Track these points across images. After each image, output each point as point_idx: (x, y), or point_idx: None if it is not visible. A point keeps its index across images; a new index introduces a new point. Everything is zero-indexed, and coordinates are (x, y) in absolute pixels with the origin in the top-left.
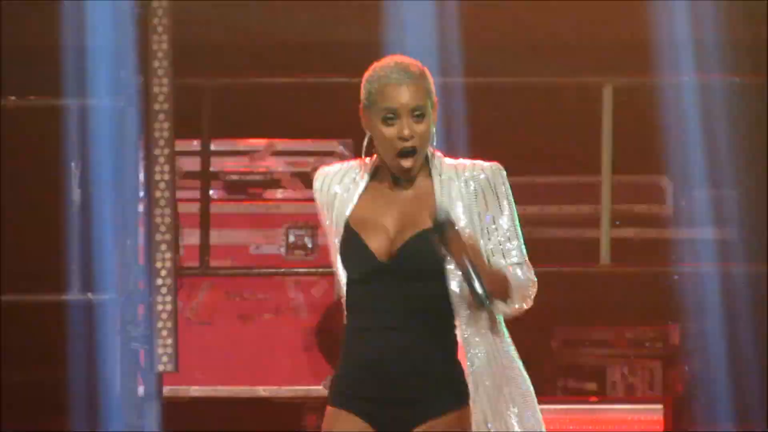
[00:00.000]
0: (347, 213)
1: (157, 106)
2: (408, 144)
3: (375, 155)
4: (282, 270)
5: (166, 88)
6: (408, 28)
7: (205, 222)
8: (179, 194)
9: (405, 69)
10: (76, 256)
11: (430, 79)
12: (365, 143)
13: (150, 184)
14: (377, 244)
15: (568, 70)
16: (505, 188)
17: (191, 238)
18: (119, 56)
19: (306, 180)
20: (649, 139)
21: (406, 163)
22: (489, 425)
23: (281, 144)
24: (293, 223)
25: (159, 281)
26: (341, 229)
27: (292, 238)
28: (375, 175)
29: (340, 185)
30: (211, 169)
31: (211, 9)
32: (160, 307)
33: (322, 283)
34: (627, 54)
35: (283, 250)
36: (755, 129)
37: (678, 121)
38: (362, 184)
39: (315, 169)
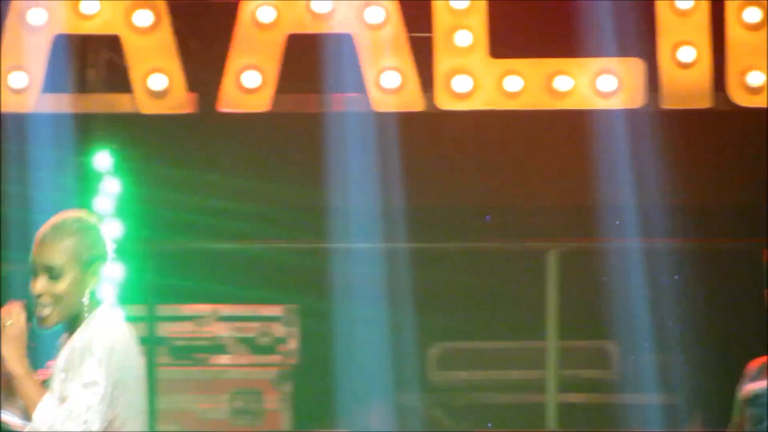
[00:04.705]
0: None
1: None
2: (40, 300)
3: None
4: None
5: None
6: (352, 193)
7: (151, 387)
8: None
9: (54, 225)
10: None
11: (88, 240)
12: None
13: None
14: None
15: (513, 233)
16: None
17: None
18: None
19: (252, 345)
20: (595, 303)
21: (39, 319)
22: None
23: (226, 309)
24: (240, 389)
25: None
26: None
27: (238, 404)
28: None
29: None
30: (157, 334)
31: (155, 174)
32: None
33: None
34: (571, 218)
35: (228, 415)
36: (700, 293)
37: (624, 286)
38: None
39: (263, 334)
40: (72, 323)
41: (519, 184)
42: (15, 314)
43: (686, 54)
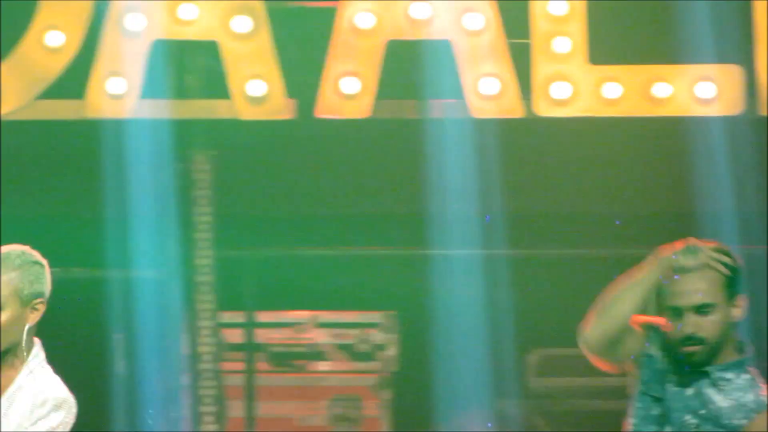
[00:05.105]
0: None
1: (199, 278)
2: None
3: None
4: None
5: (208, 259)
6: (450, 199)
7: (250, 394)
8: (223, 366)
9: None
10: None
11: (30, 276)
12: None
13: (194, 356)
14: None
15: (615, 240)
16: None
17: (236, 409)
18: (161, 227)
19: (351, 352)
20: None
21: None
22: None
23: (325, 316)
24: (338, 395)
25: None
26: None
27: (337, 410)
28: None
29: None
30: (256, 340)
31: (253, 180)
32: None
33: None
34: (672, 224)
35: (327, 422)
36: None
37: None
38: None
39: (362, 341)
40: (4, 356)
41: (615, 190)
42: None
43: None
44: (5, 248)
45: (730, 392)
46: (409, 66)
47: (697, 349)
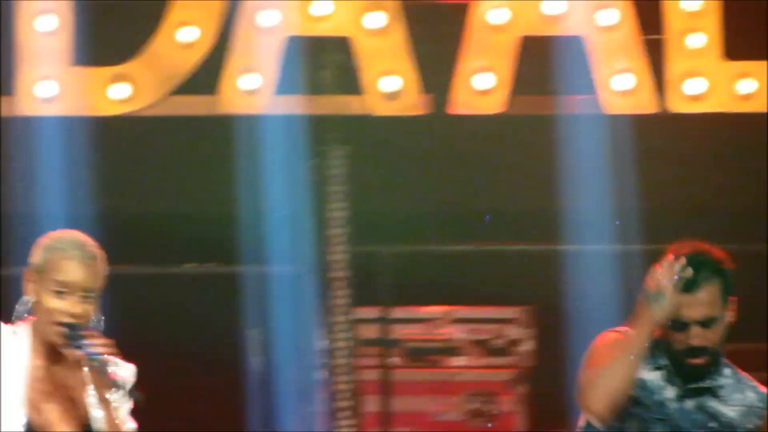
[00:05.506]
0: (15, 391)
1: (334, 273)
2: (76, 322)
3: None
4: None
5: (343, 255)
6: (585, 194)
7: (385, 389)
8: (358, 362)
9: (87, 246)
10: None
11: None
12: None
13: (329, 351)
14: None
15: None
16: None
17: (371, 405)
18: (296, 223)
19: (486, 347)
20: None
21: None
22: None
23: (460, 311)
24: (474, 391)
25: None
26: (5, 408)
27: (472, 406)
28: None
29: None
30: (391, 336)
31: (387, 176)
32: None
33: None
34: None
35: (462, 417)
36: None
37: None
38: (22, 359)
39: (497, 336)
40: None
41: (746, 185)
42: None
43: None
44: (74, 235)
45: (731, 397)
46: (542, 61)
47: (703, 361)
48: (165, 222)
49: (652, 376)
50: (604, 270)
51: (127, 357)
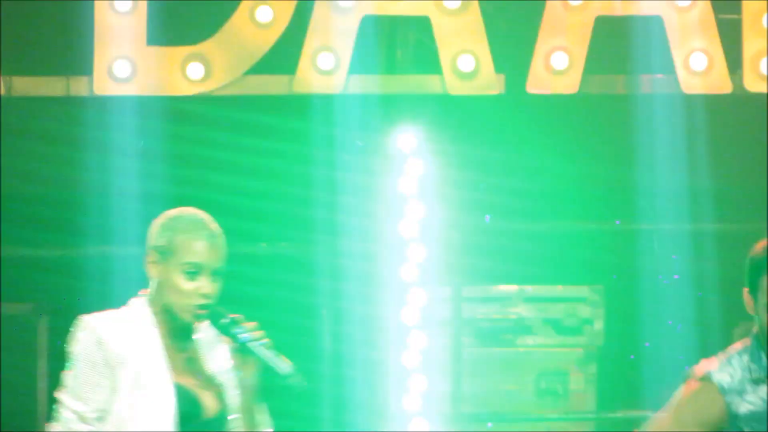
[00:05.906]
0: (160, 367)
1: (408, 252)
2: (209, 302)
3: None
4: (533, 416)
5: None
6: (659, 173)
7: (456, 368)
8: (430, 341)
9: (212, 225)
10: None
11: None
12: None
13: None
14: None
15: None
16: None
17: (441, 384)
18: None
19: (558, 326)
20: None
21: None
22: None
23: (532, 290)
24: (545, 370)
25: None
26: (156, 383)
27: (543, 385)
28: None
29: (128, 339)
30: (463, 315)
31: (460, 154)
32: None
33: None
34: None
35: (533, 397)
36: None
37: None
38: (154, 337)
39: (568, 315)
40: None
41: None
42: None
43: None
44: (199, 214)
45: None
46: (617, 41)
47: None
48: (235, 202)
49: (758, 396)
50: (676, 249)
51: None
